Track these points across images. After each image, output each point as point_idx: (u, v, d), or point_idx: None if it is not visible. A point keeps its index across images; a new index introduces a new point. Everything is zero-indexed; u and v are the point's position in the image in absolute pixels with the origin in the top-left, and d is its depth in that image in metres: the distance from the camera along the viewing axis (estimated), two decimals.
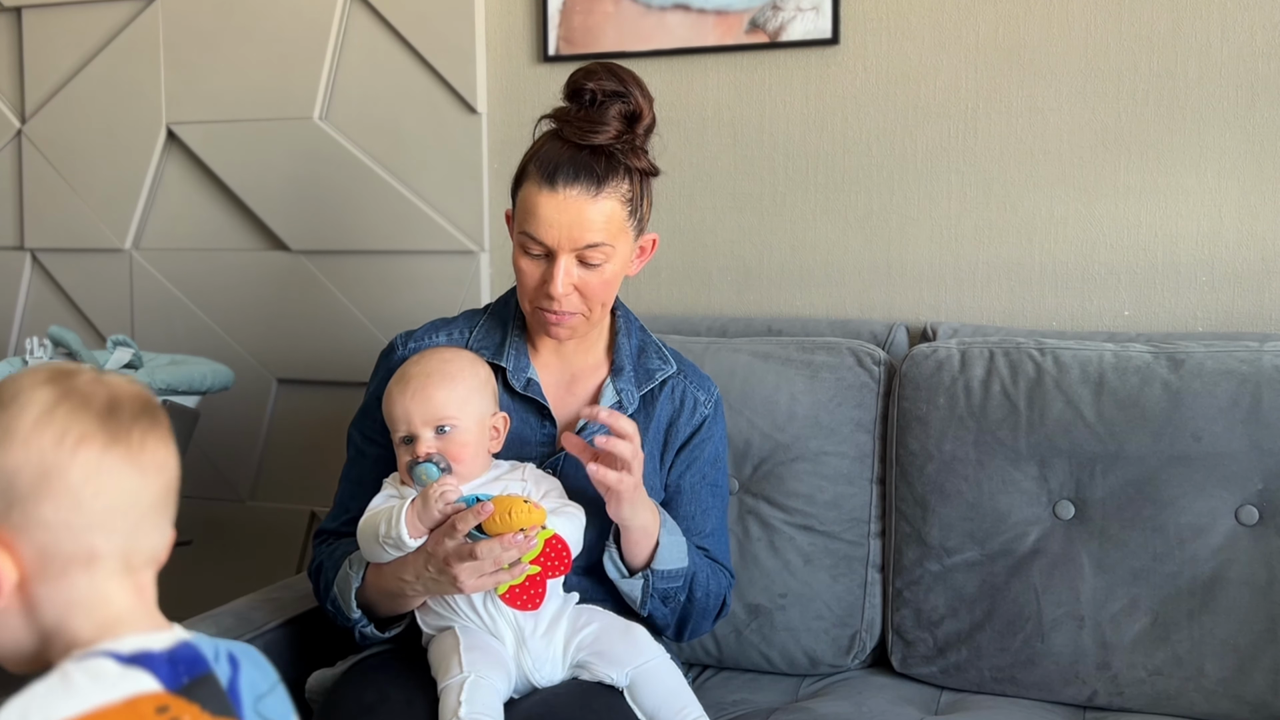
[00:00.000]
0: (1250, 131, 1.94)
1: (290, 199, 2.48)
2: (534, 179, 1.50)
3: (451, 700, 1.34)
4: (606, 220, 1.49)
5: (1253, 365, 1.71)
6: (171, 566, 2.90)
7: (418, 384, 1.45)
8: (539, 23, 2.29)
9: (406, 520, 1.38)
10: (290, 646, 1.69)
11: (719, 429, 1.69)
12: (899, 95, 2.10)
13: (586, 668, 1.44)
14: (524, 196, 1.52)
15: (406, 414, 1.44)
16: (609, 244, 1.50)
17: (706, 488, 1.65)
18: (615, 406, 1.59)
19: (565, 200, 1.47)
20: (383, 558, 1.43)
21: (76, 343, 2.13)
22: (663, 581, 1.51)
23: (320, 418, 2.52)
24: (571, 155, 1.49)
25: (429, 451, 1.42)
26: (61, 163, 2.66)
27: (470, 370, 1.50)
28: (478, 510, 1.35)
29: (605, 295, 1.54)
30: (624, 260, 1.55)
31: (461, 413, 1.45)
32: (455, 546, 1.36)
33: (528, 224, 1.50)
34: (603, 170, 1.49)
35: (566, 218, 1.47)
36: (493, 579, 1.38)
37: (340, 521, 1.62)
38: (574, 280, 1.50)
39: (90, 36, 2.61)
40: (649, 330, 1.71)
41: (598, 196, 1.48)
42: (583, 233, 1.48)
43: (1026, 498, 1.77)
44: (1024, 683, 1.75)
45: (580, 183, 1.48)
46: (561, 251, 1.49)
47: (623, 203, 1.51)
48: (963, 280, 2.10)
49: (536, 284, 1.52)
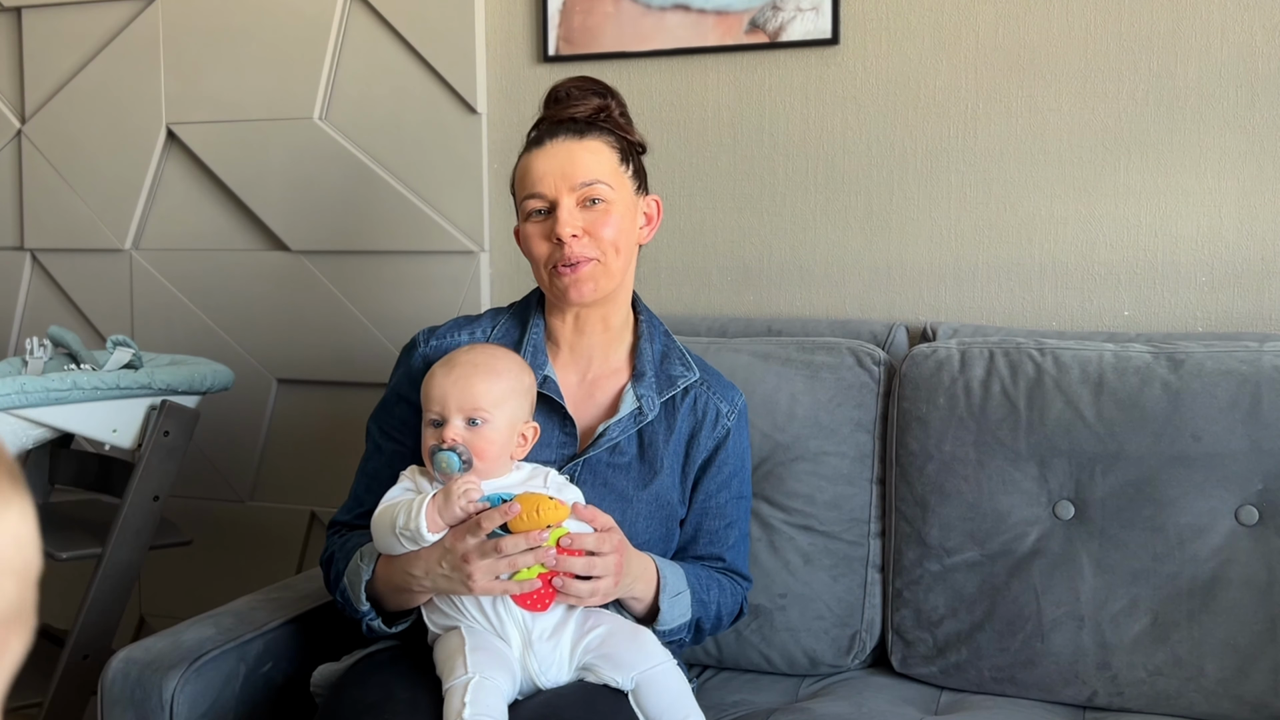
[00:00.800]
0: (1250, 131, 1.94)
1: (290, 199, 2.48)
2: (524, 154, 1.60)
3: (456, 701, 1.34)
4: (597, 159, 1.56)
5: (1252, 365, 1.71)
6: (171, 566, 2.89)
7: (462, 371, 1.47)
8: (539, 23, 2.29)
9: (426, 514, 1.39)
10: (291, 646, 1.69)
11: (744, 438, 1.70)
12: (899, 95, 2.11)
13: (592, 670, 1.44)
14: (519, 170, 1.60)
15: (444, 396, 1.45)
16: (604, 181, 1.55)
17: (731, 500, 1.66)
18: (635, 412, 1.59)
19: (553, 148, 1.56)
20: (396, 549, 1.43)
21: (76, 343, 2.13)
22: (665, 637, 1.52)
23: (320, 418, 2.52)
24: (555, 124, 1.59)
25: (455, 439, 1.43)
26: (61, 163, 2.66)
27: (515, 373, 1.50)
28: (505, 510, 1.35)
29: (617, 239, 1.56)
30: (626, 205, 1.58)
31: (495, 410, 1.45)
32: (477, 543, 1.36)
33: (525, 185, 1.57)
34: (585, 126, 1.58)
35: (557, 162, 1.55)
36: (503, 586, 1.38)
37: (354, 514, 1.63)
38: (579, 222, 1.53)
39: (90, 36, 2.61)
40: (673, 335, 1.71)
41: (583, 139, 1.57)
42: (575, 169, 1.54)
43: (1026, 498, 1.77)
44: (1024, 683, 1.75)
45: (564, 133, 1.57)
46: (561, 196, 1.54)
47: (612, 149, 1.58)
48: (963, 280, 2.10)
49: (545, 241, 1.55)
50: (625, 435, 1.58)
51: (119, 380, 2.05)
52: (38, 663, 2.18)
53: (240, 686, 1.60)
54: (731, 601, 1.65)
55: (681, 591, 1.55)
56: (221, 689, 1.58)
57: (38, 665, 2.17)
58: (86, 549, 2.06)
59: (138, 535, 2.09)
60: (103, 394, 2.04)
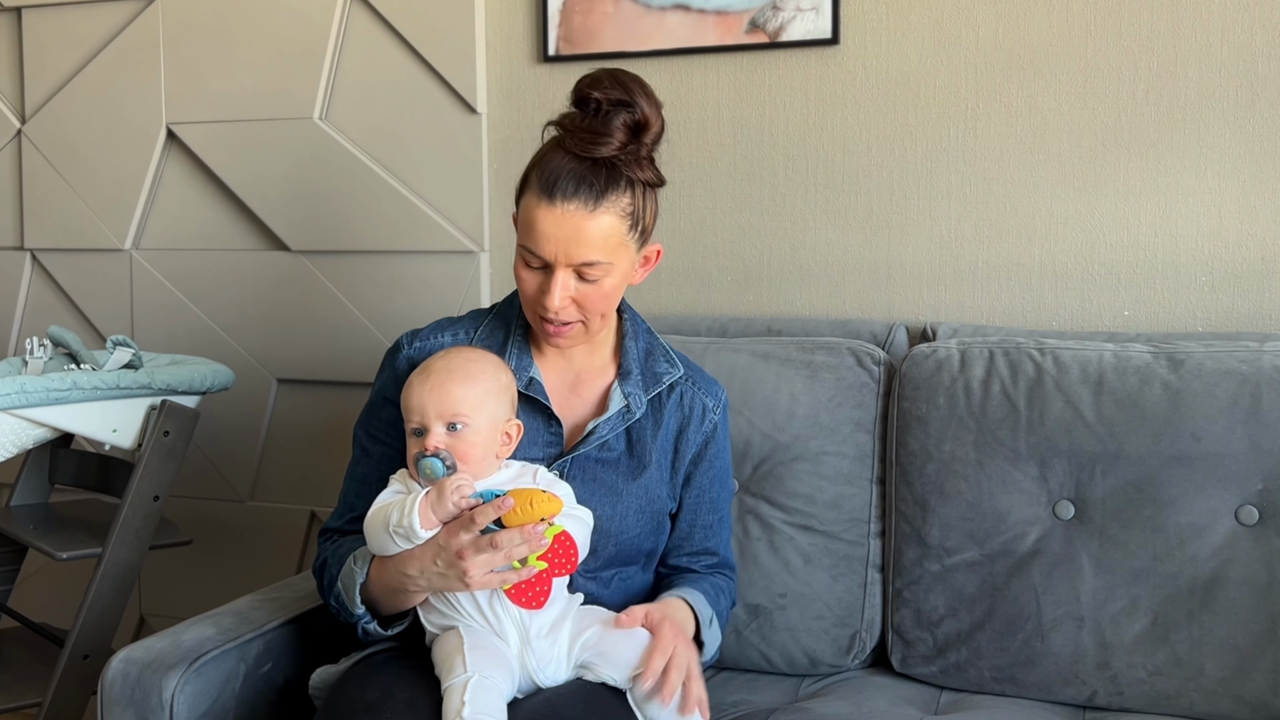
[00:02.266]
0: (1250, 131, 1.94)
1: (290, 199, 2.48)
2: (534, 190, 1.50)
3: (455, 700, 1.34)
4: (604, 237, 1.48)
5: (1253, 365, 1.71)
6: (172, 566, 2.89)
7: (438, 378, 1.46)
8: (539, 23, 2.29)
9: (420, 511, 1.39)
10: (291, 646, 1.69)
11: (727, 431, 1.73)
12: (899, 95, 2.11)
13: (590, 668, 1.44)
14: (524, 208, 1.52)
15: (422, 405, 1.45)
16: (606, 261, 1.50)
17: (724, 494, 1.71)
18: (623, 410, 1.59)
19: (563, 215, 1.47)
20: (390, 549, 1.43)
21: (76, 343, 2.13)
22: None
23: (320, 418, 2.52)
24: (572, 168, 1.48)
25: (437, 446, 1.43)
26: (61, 163, 2.66)
27: (491, 374, 1.50)
28: (498, 504, 1.35)
29: (604, 306, 1.55)
30: (624, 273, 1.55)
31: (475, 413, 1.45)
32: (471, 539, 1.36)
33: (526, 238, 1.50)
34: (603, 184, 1.48)
35: (563, 233, 1.47)
36: (500, 577, 1.38)
37: (345, 520, 1.62)
38: (571, 294, 1.51)
39: (90, 36, 2.61)
40: (655, 332, 1.71)
41: (595, 211, 1.47)
42: (579, 249, 1.48)
43: (1026, 498, 1.77)
44: (1024, 683, 1.75)
45: (579, 197, 1.47)
46: (558, 266, 1.49)
47: (622, 217, 1.50)
48: (963, 280, 2.10)
49: (535, 294, 1.53)
50: (614, 433, 1.58)
51: (119, 380, 2.05)
52: (38, 663, 2.18)
53: (240, 686, 1.60)
54: (729, 599, 1.69)
55: (713, 616, 1.58)
56: (221, 689, 1.58)
57: (38, 665, 2.17)
58: (86, 549, 2.06)
59: (138, 535, 2.09)
60: (103, 394, 2.04)
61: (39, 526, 2.18)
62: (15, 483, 2.30)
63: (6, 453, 2.03)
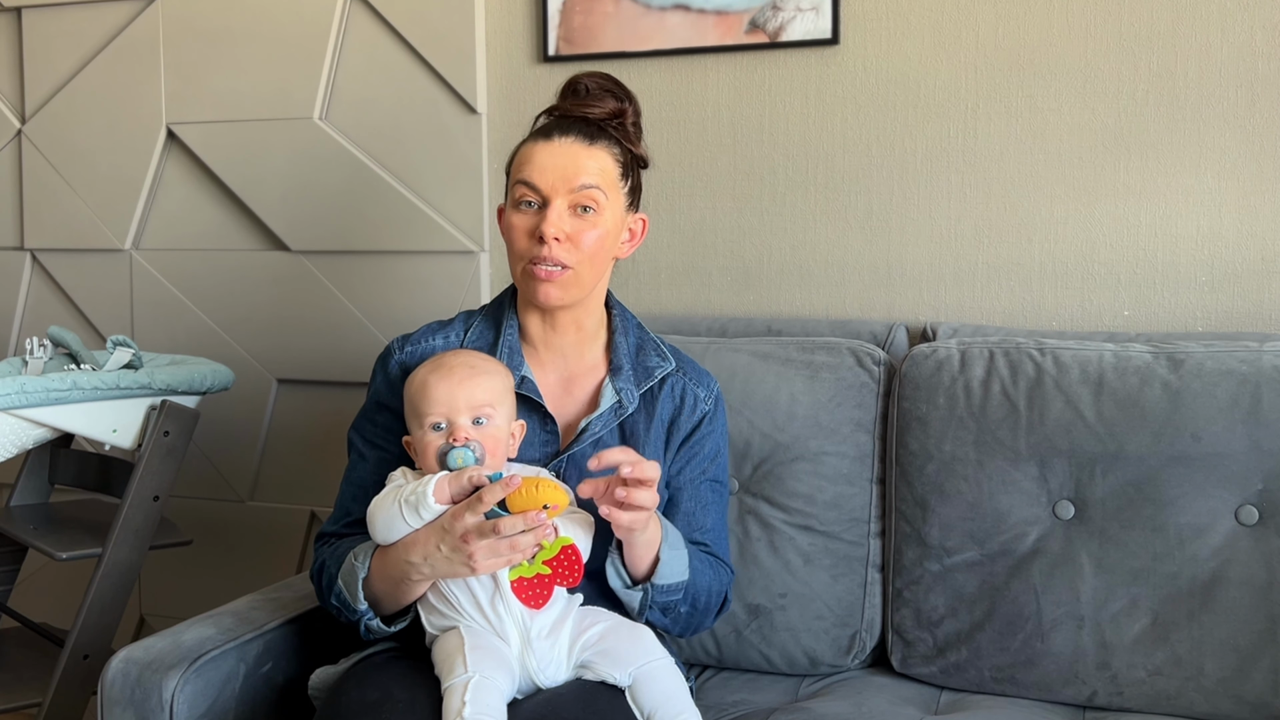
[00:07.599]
0: (1250, 131, 1.94)
1: (290, 199, 2.48)
2: (529, 140, 1.60)
3: (455, 700, 1.34)
4: (601, 169, 1.56)
5: (1253, 365, 1.71)
6: (172, 566, 2.89)
7: (463, 373, 1.48)
8: (539, 23, 2.29)
9: (435, 484, 1.40)
10: (291, 646, 1.69)
11: (719, 424, 1.69)
12: (899, 95, 2.11)
13: (590, 668, 1.44)
14: (520, 154, 1.60)
15: (450, 398, 1.46)
16: (601, 189, 1.56)
17: (706, 483, 1.66)
18: (615, 407, 1.59)
19: (561, 146, 1.56)
20: (396, 527, 1.43)
21: (76, 343, 2.13)
22: (662, 595, 1.51)
23: (320, 418, 2.52)
24: (568, 120, 1.59)
25: (468, 437, 1.44)
26: (61, 163, 2.66)
27: (503, 372, 1.54)
28: (506, 482, 1.35)
29: (595, 251, 1.56)
30: (615, 220, 1.58)
31: (498, 406, 1.48)
32: (475, 523, 1.36)
33: (523, 171, 1.57)
34: (596, 131, 1.59)
35: (562, 161, 1.55)
36: (506, 559, 1.38)
37: (341, 524, 1.62)
38: (566, 226, 1.54)
39: (90, 36, 2.61)
40: (646, 328, 1.71)
41: (592, 147, 1.57)
42: (577, 173, 1.55)
43: (1026, 498, 1.77)
44: (1024, 683, 1.75)
45: (575, 133, 1.57)
46: (555, 195, 1.54)
47: (615, 161, 1.59)
48: (963, 280, 2.10)
49: (528, 235, 1.56)
50: (607, 429, 1.58)
51: (119, 380, 2.05)
52: (38, 663, 2.18)
53: (240, 687, 1.60)
54: (718, 583, 1.62)
55: (681, 549, 1.54)
56: (221, 689, 1.58)
57: (38, 665, 2.17)
58: (86, 549, 2.07)
59: (138, 535, 2.09)
60: (103, 394, 2.04)
61: (39, 526, 2.18)
62: (15, 483, 2.30)
63: (6, 453, 2.03)
